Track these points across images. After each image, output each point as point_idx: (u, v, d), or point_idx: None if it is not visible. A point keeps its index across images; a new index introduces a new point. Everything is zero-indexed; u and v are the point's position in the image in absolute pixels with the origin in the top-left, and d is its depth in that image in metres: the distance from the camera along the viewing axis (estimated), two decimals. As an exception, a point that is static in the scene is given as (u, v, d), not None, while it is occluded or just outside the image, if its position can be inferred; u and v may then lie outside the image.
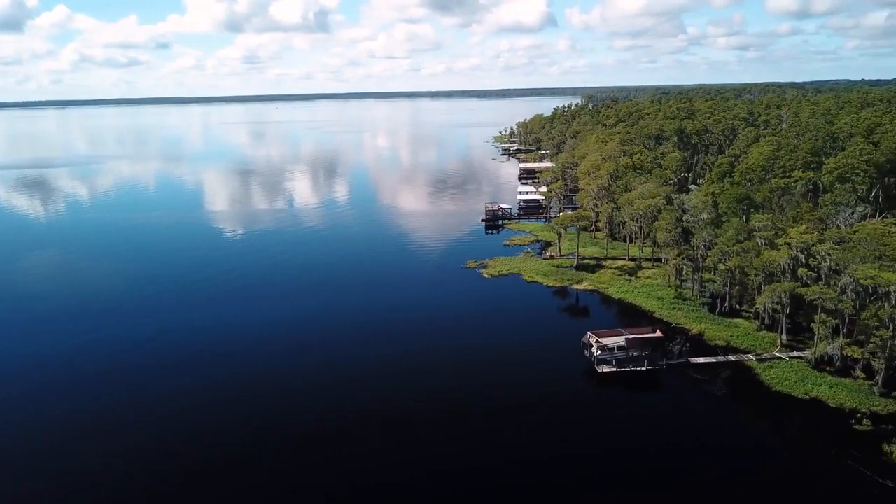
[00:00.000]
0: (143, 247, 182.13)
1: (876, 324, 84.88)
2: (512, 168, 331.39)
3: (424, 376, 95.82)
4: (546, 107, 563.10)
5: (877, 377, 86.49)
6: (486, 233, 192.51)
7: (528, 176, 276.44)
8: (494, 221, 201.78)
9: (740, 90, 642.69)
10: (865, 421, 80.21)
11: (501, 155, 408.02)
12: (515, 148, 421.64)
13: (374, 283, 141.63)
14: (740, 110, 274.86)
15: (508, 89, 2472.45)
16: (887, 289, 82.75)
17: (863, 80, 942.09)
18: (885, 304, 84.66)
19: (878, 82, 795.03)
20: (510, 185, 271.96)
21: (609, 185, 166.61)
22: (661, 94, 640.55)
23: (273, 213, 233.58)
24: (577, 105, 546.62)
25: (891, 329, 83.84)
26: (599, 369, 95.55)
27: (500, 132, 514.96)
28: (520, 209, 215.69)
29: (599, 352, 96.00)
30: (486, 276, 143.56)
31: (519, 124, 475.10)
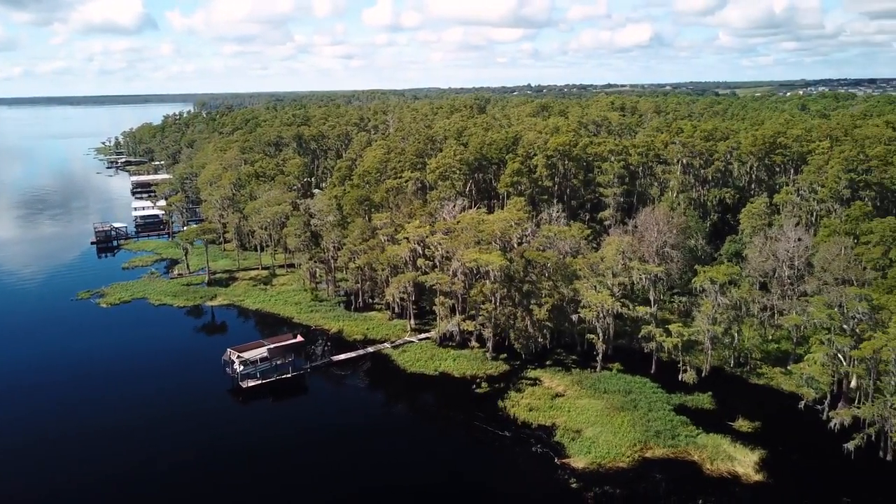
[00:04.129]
0: None
1: (482, 299, 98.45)
2: (123, 182, 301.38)
3: (40, 442, 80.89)
4: (155, 114, 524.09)
5: (487, 344, 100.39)
6: (99, 257, 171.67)
7: (142, 190, 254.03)
8: (107, 243, 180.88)
9: (350, 97, 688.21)
10: (483, 384, 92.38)
11: (108, 168, 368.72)
12: (124, 160, 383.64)
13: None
14: (352, 116, 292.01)
15: (107, 96, 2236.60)
16: (487, 268, 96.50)
17: (450, 87, 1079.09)
18: (487, 282, 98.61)
19: (461, 90, 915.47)
20: (123, 200, 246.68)
21: (233, 194, 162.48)
22: (276, 101, 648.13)
23: None
24: (189, 112, 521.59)
25: (493, 302, 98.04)
26: (244, 384, 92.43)
27: (104, 143, 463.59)
28: (137, 227, 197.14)
29: (242, 367, 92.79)
30: (104, 305, 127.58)
31: (125, 134, 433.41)
